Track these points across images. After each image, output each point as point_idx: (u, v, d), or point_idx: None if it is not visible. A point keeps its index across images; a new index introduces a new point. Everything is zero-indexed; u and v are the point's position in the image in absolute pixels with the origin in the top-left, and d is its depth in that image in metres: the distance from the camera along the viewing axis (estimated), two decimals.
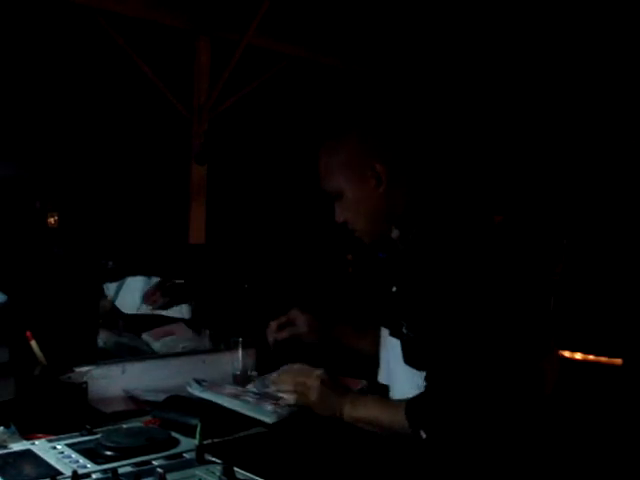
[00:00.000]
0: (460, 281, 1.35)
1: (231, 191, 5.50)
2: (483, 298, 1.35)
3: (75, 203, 4.85)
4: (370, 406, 1.45)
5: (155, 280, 2.15)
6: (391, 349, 1.49)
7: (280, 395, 1.52)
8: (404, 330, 1.41)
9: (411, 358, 1.41)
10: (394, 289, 1.52)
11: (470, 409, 1.32)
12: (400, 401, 1.40)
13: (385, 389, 1.55)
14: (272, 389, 1.55)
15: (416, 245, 1.45)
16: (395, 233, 1.53)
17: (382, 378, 1.59)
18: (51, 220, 4.54)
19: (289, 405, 1.50)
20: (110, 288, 2.11)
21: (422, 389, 1.39)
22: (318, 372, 1.51)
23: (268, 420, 1.46)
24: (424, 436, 1.32)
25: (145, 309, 2.09)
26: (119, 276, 2.11)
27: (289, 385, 1.51)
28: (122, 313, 2.07)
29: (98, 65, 4.78)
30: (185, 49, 4.96)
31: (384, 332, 1.57)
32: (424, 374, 1.39)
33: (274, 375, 1.59)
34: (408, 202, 1.51)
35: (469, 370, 1.32)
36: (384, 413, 1.41)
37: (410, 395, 1.39)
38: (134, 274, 2.16)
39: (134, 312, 2.09)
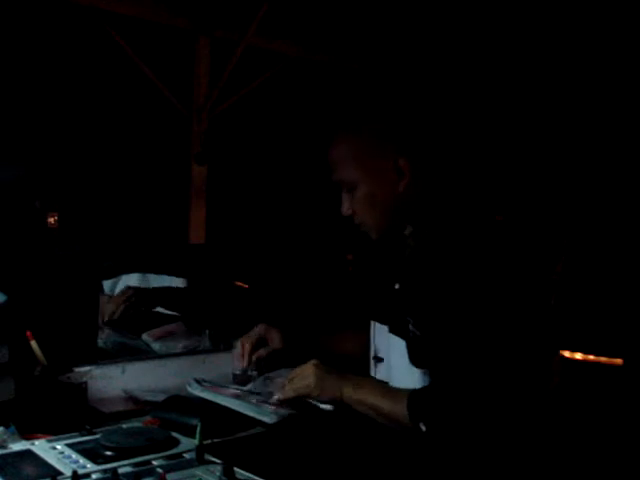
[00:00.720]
0: (472, 280, 1.35)
1: (231, 191, 5.50)
2: (493, 298, 1.35)
3: (75, 203, 4.85)
4: (372, 390, 1.45)
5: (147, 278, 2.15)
6: (392, 346, 1.49)
7: (279, 395, 1.51)
8: (410, 327, 1.41)
9: (417, 357, 1.41)
10: (397, 286, 1.52)
11: (473, 407, 1.32)
12: (403, 390, 1.40)
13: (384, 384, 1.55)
14: (275, 397, 1.53)
15: (430, 243, 1.44)
16: (408, 230, 1.52)
17: (376, 373, 1.59)
18: (51, 220, 4.54)
19: (289, 401, 1.50)
20: (106, 285, 2.12)
21: (423, 384, 1.39)
22: (312, 361, 1.52)
23: (268, 420, 1.46)
24: (424, 429, 1.31)
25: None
26: (116, 274, 2.12)
27: (285, 379, 1.51)
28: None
29: (98, 65, 4.79)
30: (185, 49, 4.96)
31: (382, 328, 1.56)
32: (428, 373, 1.39)
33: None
34: (423, 199, 1.49)
35: (475, 368, 1.32)
36: (385, 400, 1.40)
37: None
38: (131, 271, 2.16)
39: None
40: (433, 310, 1.37)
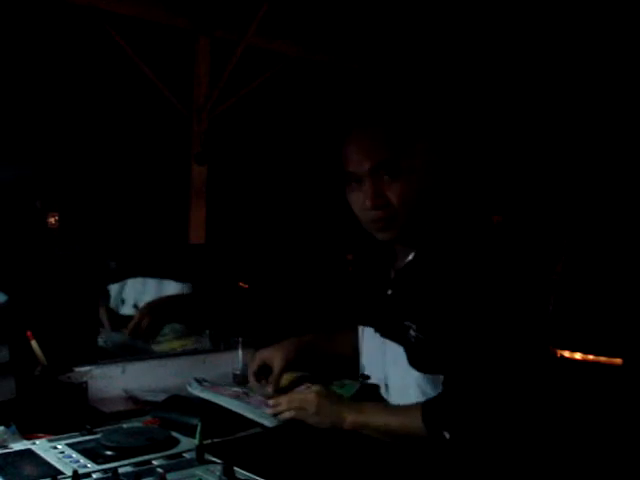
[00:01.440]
0: (477, 282, 1.34)
1: (231, 191, 5.50)
2: (498, 299, 1.34)
3: (75, 203, 4.85)
4: (377, 411, 1.43)
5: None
6: (387, 351, 1.48)
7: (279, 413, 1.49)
8: (412, 333, 1.40)
9: (419, 361, 1.39)
10: (389, 292, 1.50)
11: (493, 407, 1.31)
12: (407, 405, 1.38)
13: (375, 388, 1.54)
14: (270, 410, 1.51)
15: (433, 247, 1.43)
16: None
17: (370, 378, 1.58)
18: (51, 220, 4.54)
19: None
20: (112, 289, 2.11)
21: (425, 390, 1.38)
22: (313, 388, 1.49)
23: (268, 424, 1.46)
24: (447, 436, 1.30)
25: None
26: (121, 277, 2.11)
27: (284, 405, 1.48)
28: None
29: (98, 65, 4.79)
30: (185, 49, 4.97)
31: (370, 342, 1.54)
32: (429, 376, 1.38)
33: (271, 401, 1.53)
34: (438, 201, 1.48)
35: (487, 369, 1.31)
36: (393, 417, 1.38)
37: (410, 396, 1.39)
38: (134, 274, 2.16)
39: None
40: (439, 313, 1.36)
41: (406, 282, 1.47)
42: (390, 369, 1.49)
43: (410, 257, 1.48)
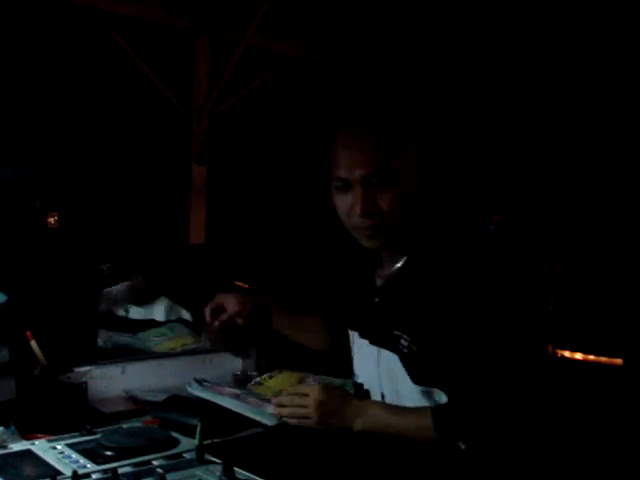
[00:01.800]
0: (476, 288, 1.32)
1: (231, 191, 5.51)
2: (499, 304, 1.32)
3: (75, 203, 4.85)
4: (387, 411, 1.39)
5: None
6: (381, 359, 1.44)
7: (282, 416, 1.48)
8: (404, 342, 1.36)
9: (417, 373, 1.36)
10: (377, 300, 1.46)
11: (505, 415, 1.29)
12: (418, 410, 1.35)
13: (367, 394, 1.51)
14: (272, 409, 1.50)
15: (429, 254, 1.40)
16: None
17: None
18: (51, 220, 4.54)
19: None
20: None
21: (420, 403, 1.36)
22: (317, 386, 1.46)
23: (268, 423, 1.45)
24: (463, 447, 1.27)
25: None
26: (116, 280, 2.11)
27: (287, 411, 1.45)
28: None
29: (98, 65, 4.79)
30: (185, 49, 4.97)
31: (363, 341, 1.52)
32: (423, 389, 1.35)
33: (273, 400, 1.50)
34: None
35: (495, 376, 1.29)
36: (406, 418, 1.35)
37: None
38: (134, 274, 2.16)
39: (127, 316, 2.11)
40: (434, 323, 1.33)
41: (396, 290, 1.43)
42: (384, 378, 1.45)
43: (399, 264, 1.43)
